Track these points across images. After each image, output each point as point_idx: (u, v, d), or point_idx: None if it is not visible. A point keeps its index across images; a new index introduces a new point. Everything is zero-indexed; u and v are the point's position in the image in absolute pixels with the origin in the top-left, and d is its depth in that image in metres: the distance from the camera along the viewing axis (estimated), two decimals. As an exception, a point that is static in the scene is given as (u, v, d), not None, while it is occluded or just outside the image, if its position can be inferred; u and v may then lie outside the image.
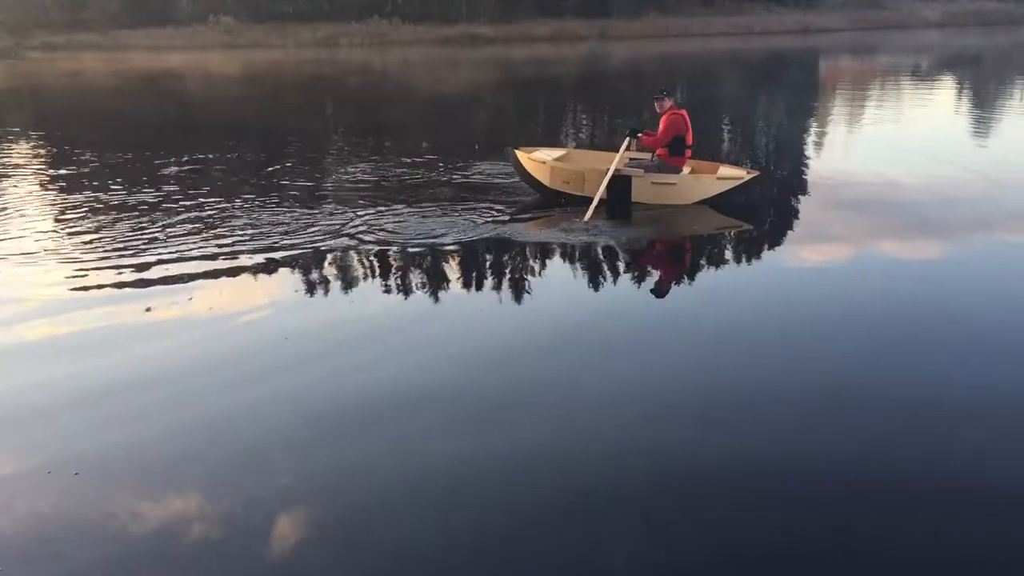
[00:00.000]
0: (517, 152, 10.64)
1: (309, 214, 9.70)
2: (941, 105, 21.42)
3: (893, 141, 15.50)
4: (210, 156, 14.18)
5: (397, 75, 36.45)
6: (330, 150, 15.55)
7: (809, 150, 15.08)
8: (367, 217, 9.52)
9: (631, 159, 10.12)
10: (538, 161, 10.33)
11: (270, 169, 12.76)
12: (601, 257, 8.24)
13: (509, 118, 21.74)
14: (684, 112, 9.87)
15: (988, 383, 5.23)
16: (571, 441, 4.63)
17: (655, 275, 8.03)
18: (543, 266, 7.97)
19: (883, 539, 3.73)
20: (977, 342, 5.95)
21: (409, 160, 13.18)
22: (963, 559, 3.64)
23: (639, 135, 9.92)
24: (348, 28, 58.36)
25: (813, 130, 18.01)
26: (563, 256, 8.24)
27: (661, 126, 9.85)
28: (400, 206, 9.97)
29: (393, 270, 7.76)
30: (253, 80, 34.37)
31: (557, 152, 10.89)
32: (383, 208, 9.92)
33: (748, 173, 9.91)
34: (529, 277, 7.63)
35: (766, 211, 10.15)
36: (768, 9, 64.73)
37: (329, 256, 8.14)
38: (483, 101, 25.40)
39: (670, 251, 9.05)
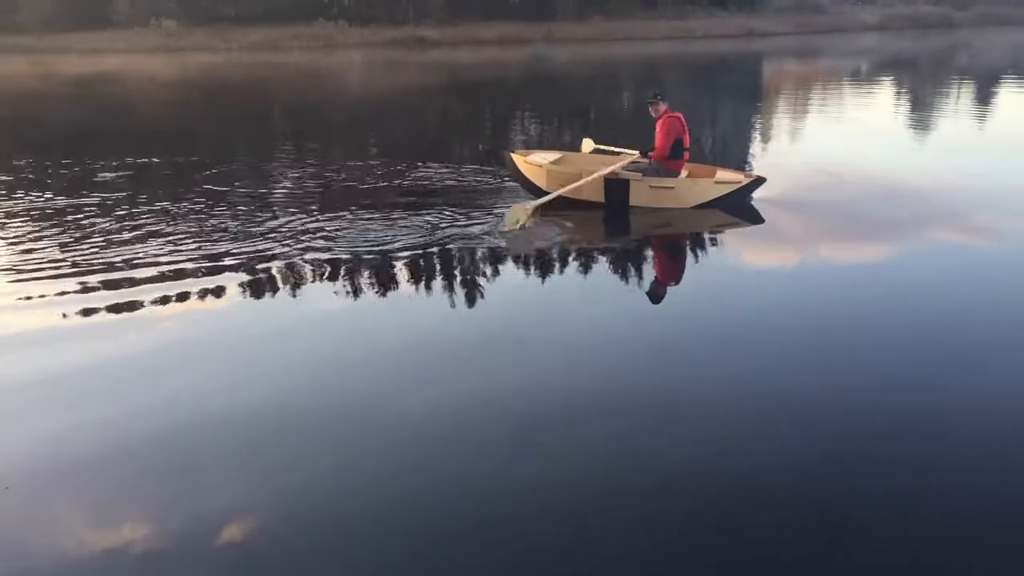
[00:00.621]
0: (513, 155, 10.42)
1: (250, 219, 9.42)
2: (882, 106, 21.80)
3: (837, 141, 15.66)
4: (139, 161, 13.76)
5: (340, 78, 36.05)
6: (267, 154, 15.16)
7: (755, 150, 15.15)
8: (314, 224, 9.22)
9: (631, 163, 9.90)
10: (535, 164, 10.11)
11: (206, 173, 12.39)
12: (576, 261, 8.11)
13: (457, 121, 21.57)
14: (679, 115, 9.74)
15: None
16: (558, 447, 4.56)
17: (648, 278, 7.84)
18: (497, 271, 7.76)
19: (875, 541, 3.68)
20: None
21: (354, 163, 12.97)
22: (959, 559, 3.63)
23: (648, 154, 9.84)
24: (293, 31, 57.68)
25: (759, 132, 18.12)
26: (515, 261, 8.06)
27: (659, 132, 9.71)
28: (345, 212, 9.72)
29: (343, 277, 7.52)
30: (189, 84, 33.73)
31: (553, 155, 10.69)
32: (331, 215, 9.62)
33: (747, 177, 9.76)
34: (487, 282, 7.44)
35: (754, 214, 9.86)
36: (710, 13, 65.44)
37: (274, 264, 7.87)
38: (430, 104, 25.21)
39: (663, 253, 8.85)
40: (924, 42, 50.63)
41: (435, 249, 8.22)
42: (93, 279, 7.40)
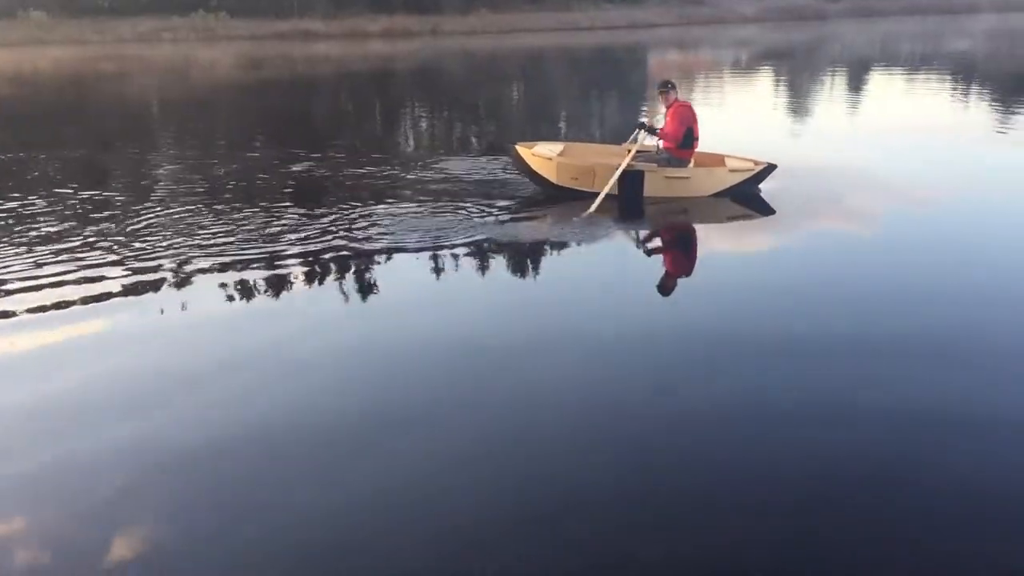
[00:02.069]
0: (518, 148, 10.07)
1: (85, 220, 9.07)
2: (762, 94, 22.51)
3: (721, 128, 16.07)
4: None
5: (202, 73, 35.06)
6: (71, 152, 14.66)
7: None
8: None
9: (638, 151, 9.74)
10: (543, 157, 9.81)
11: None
12: (607, 254, 7.99)
13: (347, 114, 21.26)
14: (689, 103, 9.72)
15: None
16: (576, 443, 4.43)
17: (667, 271, 7.76)
18: (509, 267, 7.55)
19: (872, 546, 3.58)
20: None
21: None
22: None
23: (647, 127, 9.74)
24: (170, 23, 55.78)
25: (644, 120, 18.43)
26: (561, 253, 7.97)
27: (670, 119, 9.61)
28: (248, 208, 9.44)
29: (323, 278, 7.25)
30: (39, 80, 32.26)
31: (556, 146, 10.40)
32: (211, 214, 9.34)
33: (756, 164, 9.68)
34: (525, 275, 7.33)
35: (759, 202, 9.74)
36: (595, 5, 66.29)
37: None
38: (313, 97, 24.78)
39: (681, 245, 8.73)
40: (799, 33, 52.44)
41: (432, 247, 7.95)
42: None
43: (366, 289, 6.90)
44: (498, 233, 8.32)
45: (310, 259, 7.56)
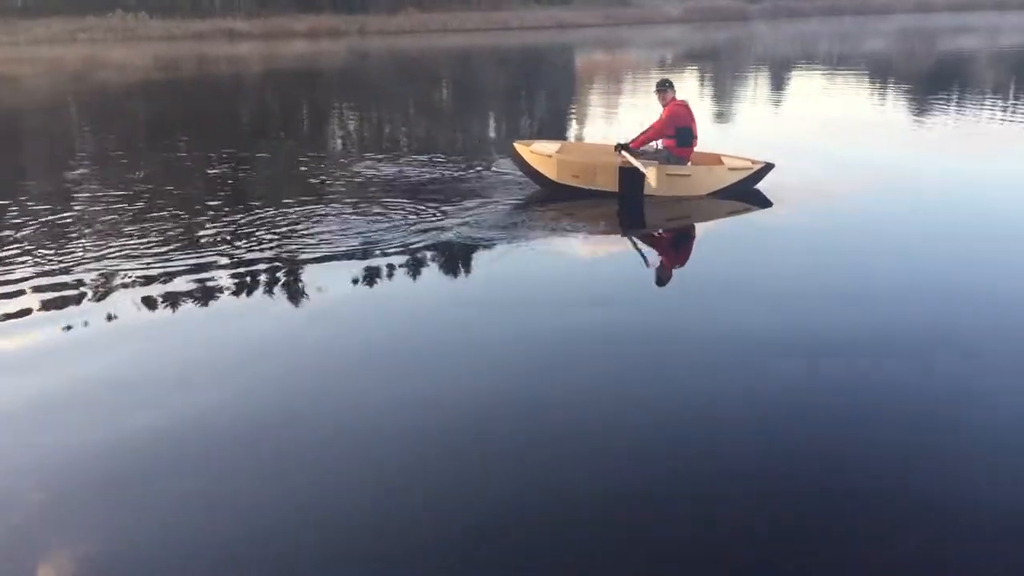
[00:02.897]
0: (517, 146, 9.97)
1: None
2: (688, 93, 22.79)
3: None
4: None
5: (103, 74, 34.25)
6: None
7: (571, 136, 15.53)
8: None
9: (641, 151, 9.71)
10: (543, 155, 9.72)
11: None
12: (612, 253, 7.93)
13: (272, 115, 20.94)
14: (686, 102, 9.71)
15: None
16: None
17: (668, 268, 7.69)
18: (512, 264, 7.43)
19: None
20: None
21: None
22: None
23: (625, 146, 9.53)
24: (85, 23, 54.24)
25: (573, 117, 18.61)
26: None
27: (663, 116, 9.56)
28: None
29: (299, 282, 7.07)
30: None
31: (553, 144, 10.31)
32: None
33: (754, 163, 9.71)
34: (500, 276, 7.19)
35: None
36: (524, 5, 66.59)
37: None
38: (240, 97, 24.38)
39: (683, 243, 8.64)
40: (723, 33, 53.39)
41: (428, 244, 7.85)
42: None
43: (312, 293, 6.79)
44: (484, 230, 8.20)
45: (244, 266, 7.37)
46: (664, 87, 9.78)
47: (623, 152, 9.48)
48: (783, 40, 46.58)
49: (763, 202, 9.37)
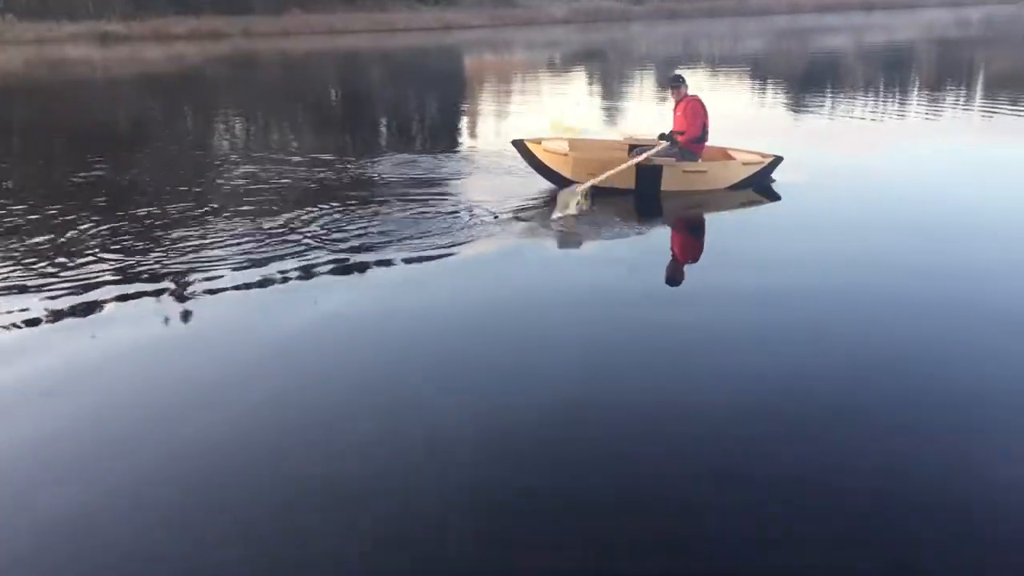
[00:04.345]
0: (527, 143, 9.80)
1: None
2: (575, 92, 23.24)
3: (533, 123, 16.45)
4: None
5: None
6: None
7: (464, 136, 15.60)
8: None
9: (643, 145, 9.79)
10: (557, 152, 9.61)
11: None
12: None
13: (151, 120, 20.27)
14: (699, 97, 9.72)
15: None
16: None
17: (683, 263, 7.76)
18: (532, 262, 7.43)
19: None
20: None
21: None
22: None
23: (675, 138, 9.62)
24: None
25: (465, 118, 18.67)
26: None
27: (686, 114, 9.59)
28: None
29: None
30: None
31: (562, 142, 10.17)
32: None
33: (764, 157, 9.85)
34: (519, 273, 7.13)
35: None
36: (410, 7, 66.18)
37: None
38: (111, 102, 23.54)
39: (701, 238, 8.68)
40: (607, 34, 54.29)
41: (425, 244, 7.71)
42: None
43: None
44: (508, 233, 8.11)
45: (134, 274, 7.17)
46: (678, 83, 9.89)
47: (671, 139, 9.64)
48: (666, 41, 47.71)
49: (774, 195, 9.68)
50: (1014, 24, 50.73)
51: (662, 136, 9.89)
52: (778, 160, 9.94)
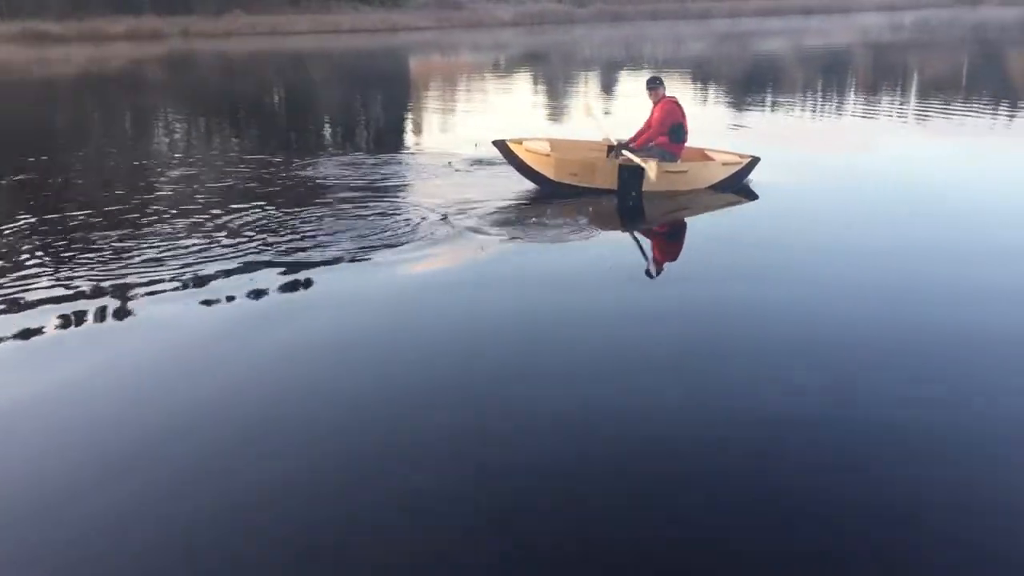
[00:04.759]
0: (509, 144, 9.75)
1: None
2: (523, 93, 23.34)
3: (481, 124, 16.48)
4: None
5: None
6: None
7: (410, 137, 15.56)
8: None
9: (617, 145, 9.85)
10: (540, 153, 9.61)
11: None
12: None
13: (88, 121, 19.87)
14: (676, 99, 9.76)
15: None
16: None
17: (667, 262, 7.81)
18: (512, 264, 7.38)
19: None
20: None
21: None
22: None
23: (625, 145, 9.64)
24: None
25: (411, 119, 18.63)
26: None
27: (656, 115, 9.65)
28: None
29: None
30: None
31: (543, 143, 10.15)
32: None
33: (742, 157, 9.98)
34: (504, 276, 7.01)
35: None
36: (355, 8, 65.73)
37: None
38: (46, 104, 23.01)
39: (682, 237, 8.71)
40: (552, 36, 54.59)
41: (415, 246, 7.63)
42: None
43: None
44: (493, 231, 8.14)
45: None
46: (655, 84, 9.97)
47: (624, 152, 9.64)
48: (610, 43, 48.04)
49: (752, 197, 9.81)
50: (948, 28, 52.13)
51: (610, 148, 9.98)
52: (756, 160, 10.11)
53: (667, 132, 9.70)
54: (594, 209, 9.03)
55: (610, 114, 17.57)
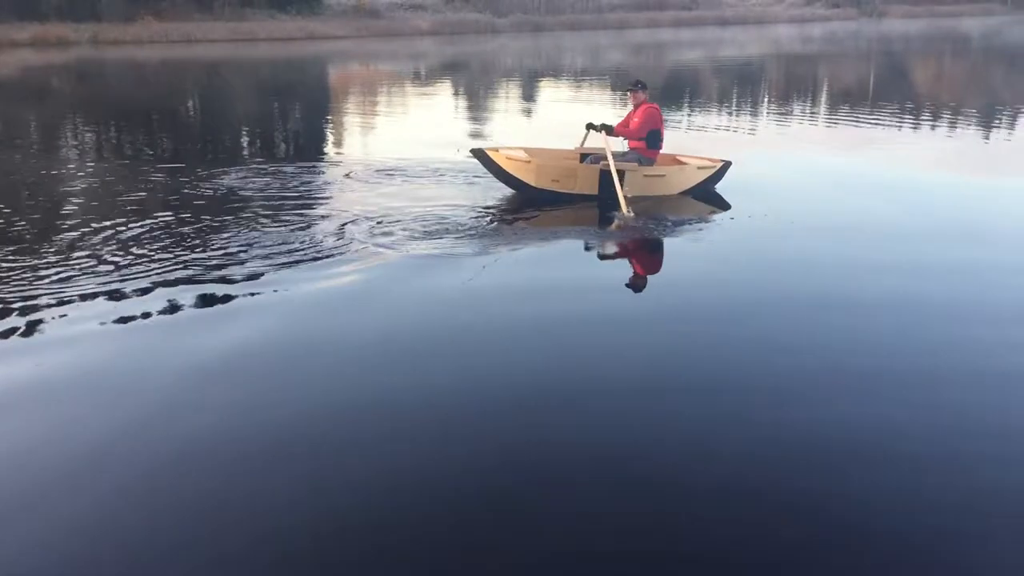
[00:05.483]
0: (488, 152, 9.69)
1: None
2: (443, 103, 23.28)
3: (405, 133, 16.38)
4: None
5: None
6: None
7: (330, 147, 15.35)
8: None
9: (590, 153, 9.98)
10: (520, 160, 9.56)
11: None
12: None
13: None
14: (657, 105, 9.87)
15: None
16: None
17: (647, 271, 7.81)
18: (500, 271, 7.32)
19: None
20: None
21: None
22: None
23: (606, 125, 9.69)
24: None
25: (331, 129, 18.39)
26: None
27: (638, 119, 9.74)
28: None
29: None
30: None
31: (518, 150, 10.11)
32: None
33: (713, 162, 10.21)
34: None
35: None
36: (271, 16, 64.75)
37: None
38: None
39: (664, 244, 8.58)
40: (472, 46, 54.67)
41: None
42: None
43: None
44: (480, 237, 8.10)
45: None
46: (638, 87, 10.05)
47: (600, 131, 9.75)
48: (530, 53, 48.36)
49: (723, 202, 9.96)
50: (855, 39, 53.94)
51: (590, 126, 10.15)
52: (727, 164, 10.38)
53: (645, 136, 9.90)
54: (574, 215, 9.25)
55: (533, 120, 17.66)
